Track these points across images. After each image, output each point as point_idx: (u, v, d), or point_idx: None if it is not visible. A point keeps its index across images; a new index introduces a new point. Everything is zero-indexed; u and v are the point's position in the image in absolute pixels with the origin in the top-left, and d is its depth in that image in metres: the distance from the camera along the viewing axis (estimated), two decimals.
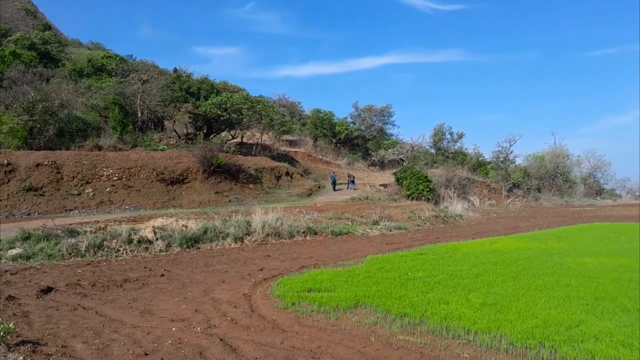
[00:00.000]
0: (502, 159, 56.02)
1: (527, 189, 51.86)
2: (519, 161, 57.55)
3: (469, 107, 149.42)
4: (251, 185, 31.97)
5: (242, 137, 42.97)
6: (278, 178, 35.08)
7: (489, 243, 16.09)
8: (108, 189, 25.60)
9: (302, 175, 38.39)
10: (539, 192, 51.99)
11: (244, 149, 40.18)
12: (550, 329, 6.01)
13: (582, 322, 6.32)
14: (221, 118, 37.19)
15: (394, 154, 52.35)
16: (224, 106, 36.98)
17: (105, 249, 13.54)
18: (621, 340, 5.55)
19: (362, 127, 59.20)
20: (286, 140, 52.16)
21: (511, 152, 56.40)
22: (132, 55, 52.10)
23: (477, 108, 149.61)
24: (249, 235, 17.01)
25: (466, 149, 59.01)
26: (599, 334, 5.82)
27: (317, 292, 8.43)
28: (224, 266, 11.99)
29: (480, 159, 57.29)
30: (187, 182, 28.87)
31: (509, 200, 48.53)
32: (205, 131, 38.74)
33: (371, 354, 5.34)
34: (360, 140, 58.78)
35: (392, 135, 61.54)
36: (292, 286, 8.96)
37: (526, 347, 5.46)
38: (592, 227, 23.22)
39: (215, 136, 39.84)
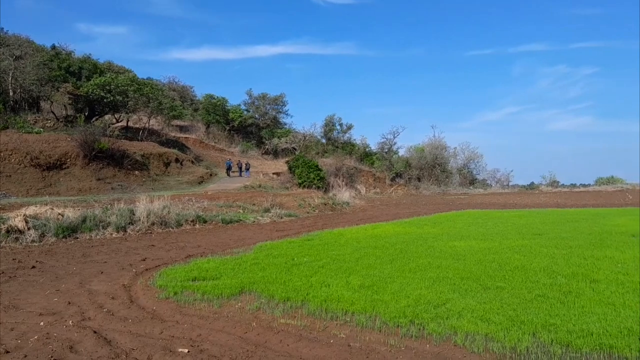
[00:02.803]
0: (387, 150, 58.97)
1: (409, 178, 55.17)
2: (401, 152, 60.99)
3: (358, 100, 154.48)
4: (137, 172, 30.43)
5: (127, 121, 40.56)
6: (167, 165, 33.81)
7: (372, 228, 16.95)
8: None
9: (193, 162, 37.40)
10: (419, 181, 55.55)
11: (130, 133, 38.04)
12: (420, 308, 6.45)
13: (449, 301, 6.83)
14: (105, 100, 34.74)
15: (287, 142, 52.87)
16: (107, 87, 34.57)
17: None
18: (480, 316, 6.07)
19: (256, 115, 58.91)
20: (176, 126, 50.22)
21: (395, 143, 59.61)
22: (2, 28, 46.58)
23: (366, 101, 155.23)
24: (132, 224, 16.30)
25: (354, 139, 61.24)
26: (462, 310, 6.33)
27: (202, 281, 8.33)
28: (103, 257, 11.40)
29: (367, 149, 59.71)
30: (65, 168, 26.71)
31: (392, 188, 51.36)
32: (86, 114, 35.98)
33: (252, 339, 5.42)
34: (254, 128, 58.47)
35: (285, 124, 62.12)
36: (175, 275, 8.76)
37: (398, 326, 5.80)
38: (464, 214, 25.37)
39: (98, 119, 37.21)
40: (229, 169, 39.21)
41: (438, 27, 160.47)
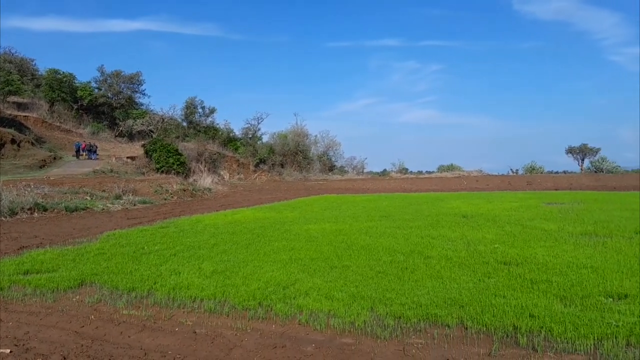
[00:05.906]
0: (251, 136, 58.93)
1: (272, 164, 55.80)
2: (265, 138, 61.45)
3: (222, 84, 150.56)
4: None
5: None
6: (1, 146, 30.10)
7: (232, 214, 16.86)
8: None
9: (33, 144, 33.74)
10: (283, 167, 56.49)
11: None
12: (270, 289, 6.56)
13: (297, 281, 7.02)
14: None
15: (143, 124, 49.89)
16: None
17: None
18: (325, 294, 6.32)
19: (109, 94, 54.52)
20: (13, 103, 44.53)
21: (259, 129, 59.84)
22: None
23: (230, 85, 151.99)
24: None
25: (218, 124, 60.06)
26: (309, 290, 6.54)
27: (36, 274, 7.59)
28: None
29: (231, 134, 59.00)
30: None
31: (256, 174, 51.58)
32: None
33: (89, 333, 5.07)
34: (106, 108, 54.12)
35: (142, 105, 58.39)
36: (3, 269, 7.87)
37: (246, 309, 5.83)
38: (321, 199, 26.38)
39: None
40: (78, 151, 36.49)
41: (302, 14, 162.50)
